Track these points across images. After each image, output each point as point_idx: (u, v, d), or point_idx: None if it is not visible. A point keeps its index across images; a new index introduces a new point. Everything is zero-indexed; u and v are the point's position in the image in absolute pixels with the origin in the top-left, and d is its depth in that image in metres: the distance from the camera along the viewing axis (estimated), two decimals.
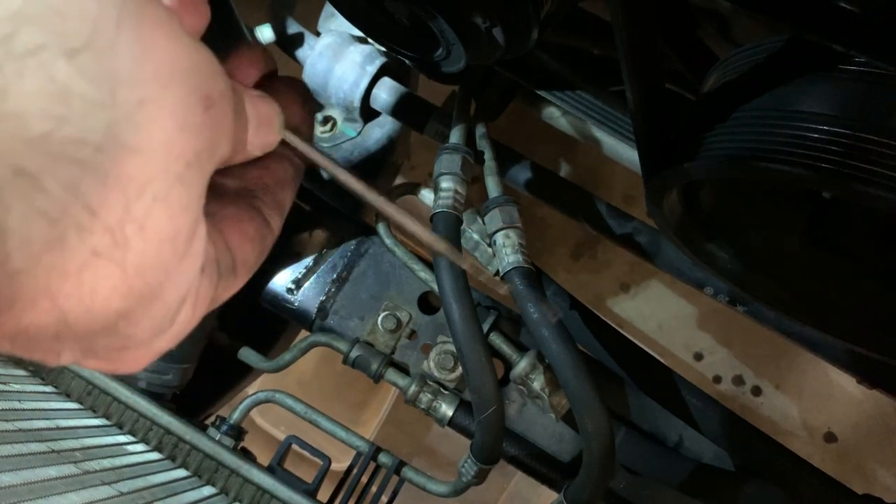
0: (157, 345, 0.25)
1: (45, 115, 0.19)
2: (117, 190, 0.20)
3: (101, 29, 0.20)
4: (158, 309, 0.23)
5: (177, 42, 0.22)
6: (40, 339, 0.22)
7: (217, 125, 0.24)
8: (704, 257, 0.51)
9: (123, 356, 0.25)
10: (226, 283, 0.28)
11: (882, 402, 1.41)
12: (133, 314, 0.23)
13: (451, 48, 0.49)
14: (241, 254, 0.29)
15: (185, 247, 0.23)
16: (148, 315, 0.23)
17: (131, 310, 0.22)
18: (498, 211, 0.63)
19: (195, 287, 0.25)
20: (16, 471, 0.43)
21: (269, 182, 0.32)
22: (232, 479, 0.58)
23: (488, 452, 0.61)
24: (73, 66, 0.20)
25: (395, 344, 0.70)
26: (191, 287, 0.25)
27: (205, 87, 0.23)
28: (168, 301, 0.24)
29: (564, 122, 0.74)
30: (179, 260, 0.23)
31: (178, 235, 0.23)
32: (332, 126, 0.84)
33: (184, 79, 0.22)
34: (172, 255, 0.23)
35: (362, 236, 0.74)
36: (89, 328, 0.22)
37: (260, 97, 0.28)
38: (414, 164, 1.53)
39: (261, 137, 0.28)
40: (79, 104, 0.20)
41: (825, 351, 0.68)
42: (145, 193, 0.21)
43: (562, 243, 1.58)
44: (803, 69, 0.38)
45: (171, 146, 0.22)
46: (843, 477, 0.64)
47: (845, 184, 0.33)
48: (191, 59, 0.23)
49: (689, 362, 1.52)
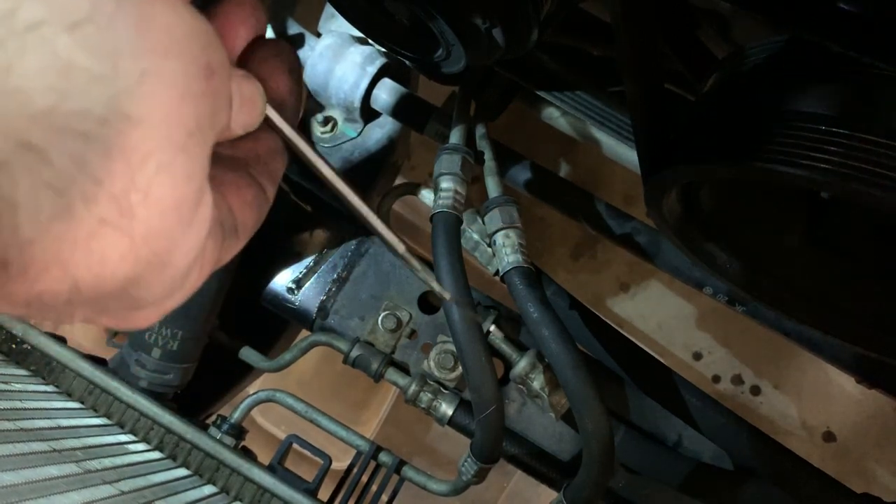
0: (167, 304, 0.26)
1: (48, 89, 0.20)
2: (121, 161, 0.21)
3: (101, 2, 0.20)
4: (168, 274, 0.24)
5: (176, 12, 0.23)
6: (54, 304, 0.23)
7: (217, 94, 0.24)
8: (704, 257, 0.51)
9: (135, 315, 0.26)
10: (229, 245, 0.29)
11: (881, 401, 1.42)
12: (142, 280, 0.24)
13: (451, 49, 0.49)
14: (242, 218, 0.30)
15: (190, 214, 0.24)
16: (158, 280, 0.24)
17: (140, 276, 0.23)
18: (498, 211, 0.63)
19: (202, 251, 0.26)
20: (18, 470, 0.43)
21: (261, 152, 0.32)
22: (233, 478, 0.58)
23: (488, 451, 0.61)
24: (75, 40, 0.20)
25: (395, 343, 0.70)
26: (198, 252, 0.26)
27: (204, 56, 0.23)
28: (177, 266, 0.25)
29: (564, 122, 0.74)
30: (186, 227, 0.24)
31: (182, 204, 0.23)
32: (333, 126, 0.85)
33: (184, 49, 0.23)
34: (178, 222, 0.23)
35: (363, 236, 0.74)
36: (100, 293, 0.23)
37: (244, 77, 0.29)
38: (414, 164, 1.53)
39: (243, 117, 0.29)
40: (81, 77, 0.20)
41: (824, 350, 0.69)
42: (149, 163, 0.22)
43: (561, 243, 1.58)
44: (803, 69, 0.38)
45: (172, 116, 0.22)
46: (842, 476, 0.64)
47: (844, 184, 0.33)
48: (190, 29, 0.23)
49: (688, 362, 1.53)
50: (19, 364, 0.61)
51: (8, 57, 0.19)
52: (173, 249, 0.24)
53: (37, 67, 0.19)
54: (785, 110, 0.37)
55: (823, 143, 0.34)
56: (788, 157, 0.35)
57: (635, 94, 0.42)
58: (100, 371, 0.60)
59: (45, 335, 0.61)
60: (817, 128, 0.35)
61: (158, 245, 0.23)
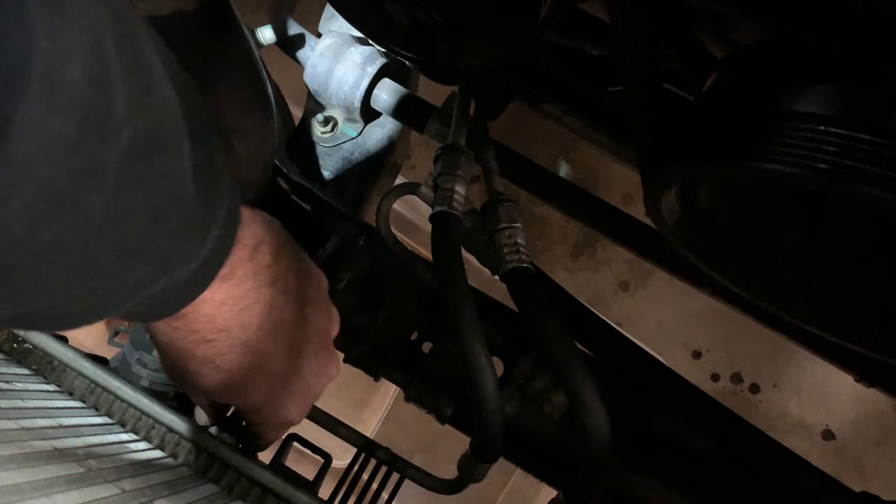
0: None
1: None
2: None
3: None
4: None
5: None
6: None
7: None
8: (703, 256, 0.51)
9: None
10: None
11: (880, 400, 1.42)
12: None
13: (451, 49, 0.49)
14: None
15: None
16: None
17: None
18: (497, 210, 0.63)
19: None
20: (19, 469, 0.43)
21: None
22: (233, 476, 0.58)
23: (488, 450, 0.62)
24: None
25: (395, 342, 0.70)
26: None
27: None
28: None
29: (565, 122, 0.74)
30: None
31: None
32: (333, 126, 0.85)
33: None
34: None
35: (363, 236, 0.74)
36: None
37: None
38: (414, 164, 1.53)
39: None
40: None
41: (823, 349, 0.69)
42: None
43: (561, 242, 1.58)
44: (802, 69, 0.38)
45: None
46: (840, 475, 0.65)
47: (843, 184, 0.34)
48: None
49: (687, 360, 1.53)
50: (21, 363, 0.61)
51: None
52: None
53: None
54: (784, 110, 0.37)
55: (823, 143, 0.34)
56: (788, 157, 0.35)
57: (634, 94, 0.42)
58: (101, 370, 0.60)
59: (46, 334, 0.61)
60: (816, 128, 0.35)
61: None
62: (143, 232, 0.33)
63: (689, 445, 0.68)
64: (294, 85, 0.88)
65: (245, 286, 0.46)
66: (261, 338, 0.48)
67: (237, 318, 0.46)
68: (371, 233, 0.73)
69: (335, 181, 0.86)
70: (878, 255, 0.47)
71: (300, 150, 0.86)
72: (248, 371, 0.49)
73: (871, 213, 0.44)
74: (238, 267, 0.45)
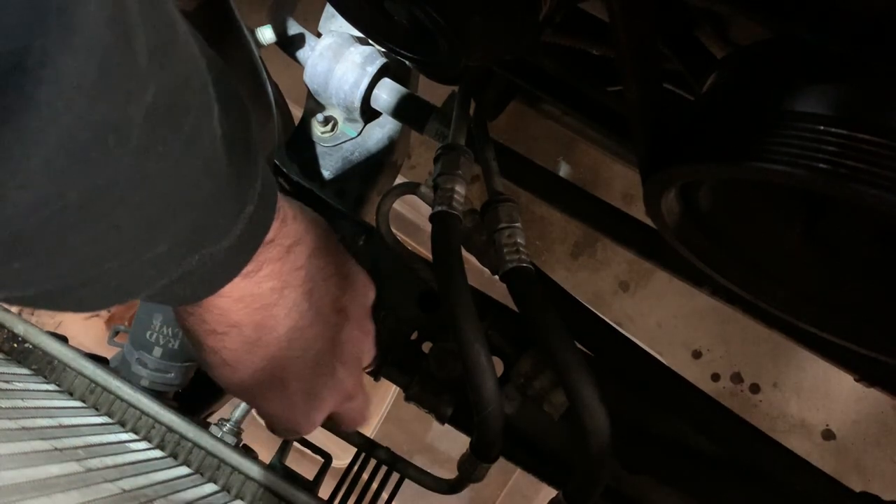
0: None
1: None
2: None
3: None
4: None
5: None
6: None
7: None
8: (702, 256, 0.51)
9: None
10: None
11: (880, 399, 1.42)
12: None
13: (451, 49, 0.49)
14: None
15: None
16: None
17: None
18: (498, 210, 0.63)
19: None
20: (20, 468, 0.44)
21: None
22: (233, 476, 0.58)
23: (488, 450, 0.62)
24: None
25: (395, 342, 0.70)
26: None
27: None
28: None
29: (564, 122, 0.74)
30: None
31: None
32: (333, 126, 0.85)
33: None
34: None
35: (363, 235, 0.74)
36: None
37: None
38: (414, 164, 1.53)
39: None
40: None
41: (823, 349, 0.69)
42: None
43: (561, 242, 1.58)
44: (802, 69, 0.38)
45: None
46: (841, 474, 0.65)
47: (843, 184, 0.34)
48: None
49: (687, 360, 1.53)
50: (21, 363, 0.61)
51: None
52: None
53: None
54: (784, 110, 0.37)
55: (822, 143, 0.34)
56: (788, 157, 0.35)
57: (634, 94, 0.42)
58: (101, 370, 0.60)
59: (46, 334, 0.61)
60: (816, 128, 0.35)
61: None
62: (171, 199, 0.31)
63: (689, 445, 0.68)
64: (294, 85, 0.88)
65: (265, 286, 0.44)
66: (274, 340, 0.46)
67: (251, 317, 0.44)
68: (371, 232, 0.73)
69: (335, 181, 0.86)
70: (878, 255, 0.48)
71: (300, 150, 0.86)
72: (255, 372, 0.47)
73: (871, 213, 0.45)
74: (264, 265, 0.43)
